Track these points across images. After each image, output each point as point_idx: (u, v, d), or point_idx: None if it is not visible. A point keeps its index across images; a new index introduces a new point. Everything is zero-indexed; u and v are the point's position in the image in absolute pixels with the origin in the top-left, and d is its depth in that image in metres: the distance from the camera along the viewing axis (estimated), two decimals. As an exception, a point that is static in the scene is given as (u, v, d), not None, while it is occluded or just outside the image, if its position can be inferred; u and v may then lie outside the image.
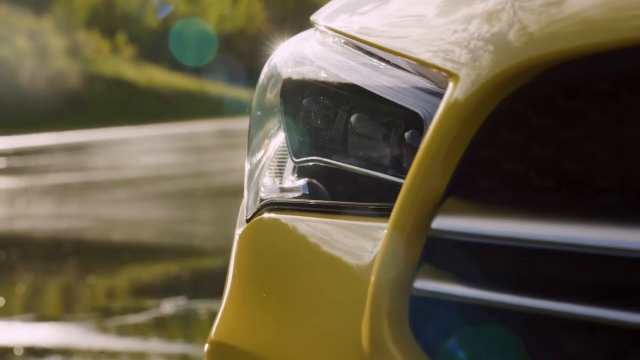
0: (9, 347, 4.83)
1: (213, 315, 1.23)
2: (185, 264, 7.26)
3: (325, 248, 0.95)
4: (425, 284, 0.75)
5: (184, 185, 13.55)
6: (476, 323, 0.73)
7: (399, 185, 0.79)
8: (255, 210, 1.11)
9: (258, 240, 1.09)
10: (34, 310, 5.97)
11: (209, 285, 6.17)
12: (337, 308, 0.89)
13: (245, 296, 1.08)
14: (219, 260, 6.68)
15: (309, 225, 1.00)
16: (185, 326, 5.30)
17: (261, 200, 1.11)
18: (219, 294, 1.15)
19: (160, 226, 9.72)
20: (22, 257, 8.33)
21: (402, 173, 0.91)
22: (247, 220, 1.13)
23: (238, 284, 1.11)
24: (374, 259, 0.82)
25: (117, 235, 9.16)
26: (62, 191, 14.09)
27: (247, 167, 1.22)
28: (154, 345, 4.79)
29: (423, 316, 0.77)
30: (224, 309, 1.12)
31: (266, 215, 1.08)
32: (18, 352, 4.71)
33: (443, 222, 0.73)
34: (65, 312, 5.95)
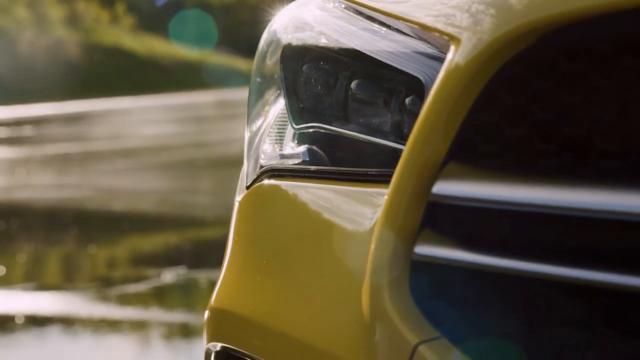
0: (10, 315, 4.85)
1: (213, 285, 1.23)
2: (185, 234, 7.27)
3: (325, 214, 0.95)
4: (426, 249, 0.75)
5: (184, 155, 13.55)
6: (477, 288, 0.73)
7: (400, 151, 0.79)
8: (255, 177, 1.11)
9: (258, 206, 1.08)
10: (35, 279, 5.99)
11: (209, 255, 6.19)
12: (337, 274, 0.89)
13: (245, 263, 1.08)
14: (220, 230, 6.69)
15: (309, 192, 0.99)
16: (186, 295, 5.32)
17: (261, 167, 1.10)
18: (219, 263, 1.15)
19: (161, 196, 9.73)
20: (22, 227, 8.35)
21: (403, 139, 0.90)
22: (247, 187, 1.12)
23: (238, 251, 1.11)
24: (374, 224, 0.82)
25: (118, 205, 9.17)
26: (62, 161, 14.09)
27: (246, 134, 1.21)
28: (155, 314, 4.81)
29: (423, 281, 0.76)
30: (224, 275, 1.12)
31: (266, 181, 1.07)
32: (19, 321, 4.73)
33: (444, 187, 0.72)
34: (66, 281, 5.97)
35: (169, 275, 5.57)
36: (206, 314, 1.13)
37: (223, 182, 9.87)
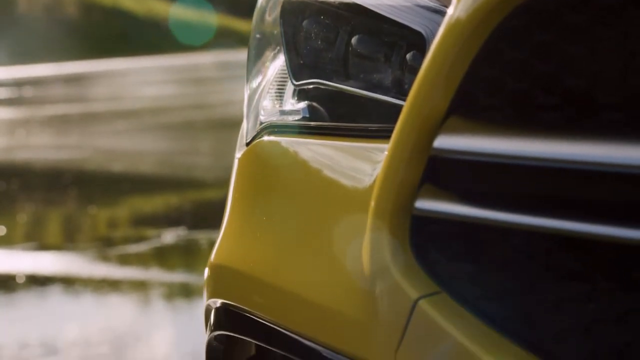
0: (11, 274, 4.87)
1: (213, 246, 1.23)
2: (185, 195, 7.28)
3: (325, 170, 0.94)
4: (427, 204, 0.74)
5: (184, 117, 13.52)
6: (477, 242, 0.73)
7: (400, 106, 0.78)
8: (255, 133, 1.10)
9: (258, 163, 1.08)
10: (35, 239, 6.01)
11: (209, 216, 6.20)
12: (337, 229, 0.89)
13: (245, 219, 1.08)
14: (220, 191, 6.69)
15: (308, 148, 0.99)
16: (186, 256, 5.34)
17: (261, 123, 1.10)
18: (219, 224, 1.15)
19: (161, 157, 9.73)
20: (22, 187, 8.35)
21: (404, 95, 0.90)
22: (247, 144, 1.12)
23: (238, 208, 1.10)
24: (375, 179, 0.82)
25: (117, 166, 9.17)
26: (62, 122, 14.07)
27: (246, 91, 1.20)
28: (155, 274, 4.83)
29: (424, 236, 0.76)
30: (224, 232, 1.12)
31: (266, 138, 1.07)
32: (20, 280, 4.75)
33: (445, 141, 0.72)
34: (66, 241, 5.98)
35: (169, 236, 5.59)
36: (206, 271, 1.14)
37: (223, 144, 9.86)
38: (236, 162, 1.14)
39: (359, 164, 0.90)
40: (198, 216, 6.49)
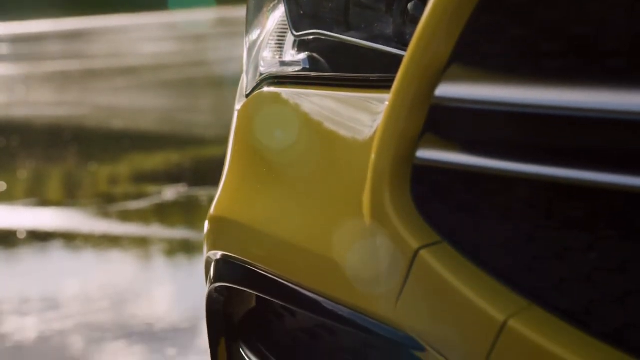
0: (12, 230, 4.89)
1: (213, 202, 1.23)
2: (185, 152, 7.27)
3: (326, 121, 0.94)
4: (428, 153, 0.74)
5: (184, 74, 13.47)
6: (478, 192, 0.73)
7: (402, 57, 0.77)
8: (255, 84, 1.09)
9: (257, 114, 1.07)
10: (36, 195, 6.02)
11: (209, 172, 6.19)
12: (337, 180, 0.89)
13: (245, 171, 1.07)
14: (220, 148, 6.68)
15: (309, 99, 0.98)
16: (186, 212, 5.35)
17: (261, 74, 1.09)
18: (219, 181, 1.15)
19: (161, 114, 9.70)
20: (22, 144, 8.35)
21: (405, 45, 0.89)
22: (247, 95, 1.11)
23: (237, 159, 1.10)
24: (376, 129, 0.81)
25: (117, 123, 9.15)
26: (61, 79, 14.02)
27: (246, 42, 1.19)
28: (156, 230, 4.84)
29: (425, 186, 0.76)
30: (224, 184, 1.12)
31: (266, 89, 1.06)
32: (21, 236, 4.76)
33: (447, 89, 0.71)
34: (67, 197, 5.99)
35: (170, 193, 5.59)
36: (206, 224, 1.13)
37: (223, 101, 9.83)
38: (236, 113, 1.13)
39: (360, 115, 0.89)
40: (198, 173, 6.49)
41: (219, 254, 1.07)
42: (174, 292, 3.69)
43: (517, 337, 0.65)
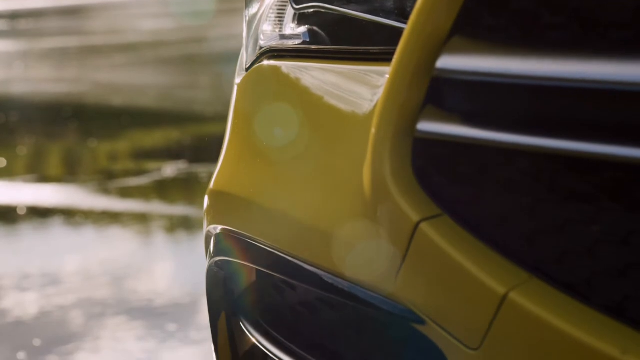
0: (12, 206, 4.89)
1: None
2: (185, 129, 7.26)
3: (326, 94, 0.93)
4: (429, 126, 0.73)
5: (184, 50, 13.42)
6: (480, 165, 0.72)
7: (403, 30, 0.77)
8: (255, 58, 1.08)
9: (257, 88, 1.07)
10: (36, 171, 6.01)
11: (209, 149, 6.19)
12: (338, 153, 0.88)
13: (245, 145, 1.07)
14: (219, 125, 6.67)
15: (309, 72, 0.97)
16: (186, 189, 5.34)
17: (260, 48, 1.08)
18: (219, 158, 1.14)
19: (160, 91, 9.68)
20: (22, 120, 8.33)
21: (406, 18, 0.88)
22: (247, 69, 1.10)
23: (237, 133, 1.09)
24: (377, 102, 0.80)
25: (117, 100, 9.13)
26: (60, 55, 13.97)
27: (246, 16, 1.18)
28: (156, 207, 4.84)
29: (426, 159, 0.75)
30: (224, 159, 1.11)
31: (266, 62, 1.05)
32: (21, 212, 4.76)
33: (448, 61, 0.70)
34: (67, 174, 5.99)
35: (170, 169, 5.59)
36: (205, 200, 1.13)
37: (223, 78, 9.81)
38: (235, 87, 1.13)
39: (360, 87, 0.88)
40: (198, 150, 6.48)
41: (218, 228, 1.07)
42: (174, 268, 3.69)
43: (518, 310, 0.65)
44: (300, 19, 1.05)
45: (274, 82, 1.03)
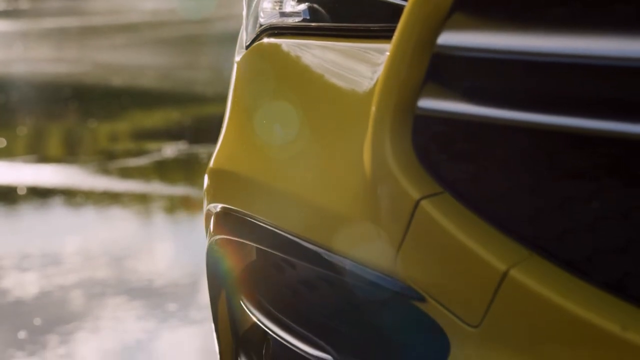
0: (13, 186, 4.89)
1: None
2: (185, 110, 7.25)
3: (327, 71, 0.93)
4: (430, 103, 0.73)
5: (184, 31, 13.38)
6: (480, 142, 0.72)
7: (403, 6, 0.76)
8: (255, 35, 1.08)
9: (257, 65, 1.06)
10: (36, 152, 6.01)
11: (209, 130, 6.18)
12: (338, 131, 0.88)
13: (245, 123, 1.06)
14: (220, 106, 6.66)
15: (309, 49, 0.97)
16: (186, 169, 5.34)
17: (260, 25, 1.07)
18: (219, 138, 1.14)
19: (160, 72, 9.66)
20: (22, 100, 8.32)
21: (407, -5, 0.87)
22: (247, 47, 1.10)
23: (237, 112, 1.09)
24: (377, 79, 0.80)
25: (117, 80, 9.11)
26: (60, 35, 13.93)
27: (246, -7, 1.18)
28: (156, 187, 4.84)
29: (427, 136, 0.75)
30: (223, 137, 1.11)
31: (266, 40, 1.05)
32: (21, 192, 4.76)
33: (449, 38, 0.70)
34: (67, 154, 5.98)
35: (170, 150, 5.58)
36: (205, 179, 1.13)
37: (223, 58, 9.78)
38: (235, 65, 1.12)
39: (361, 65, 0.88)
40: (198, 130, 6.47)
41: (218, 206, 1.06)
42: (174, 248, 3.70)
43: (519, 287, 0.65)
44: (301, -4, 1.04)
45: (274, 60, 1.03)
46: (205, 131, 6.35)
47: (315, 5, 1.02)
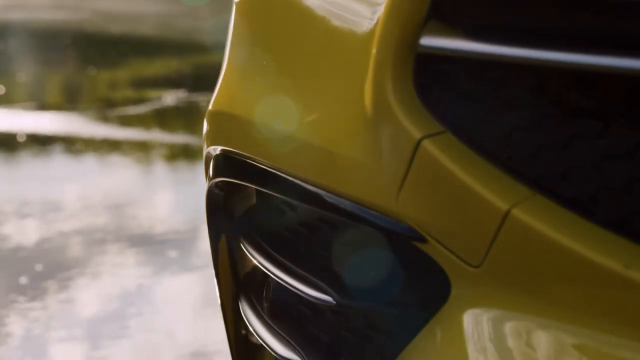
0: (12, 133, 4.88)
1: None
2: (185, 58, 7.21)
3: (328, 11, 0.91)
4: (432, 40, 0.72)
5: (183, -22, 13.25)
6: (484, 81, 0.71)
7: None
8: (255, -25, 1.06)
9: (257, 5, 1.05)
10: (35, 99, 5.99)
11: (209, 78, 6.15)
12: (338, 71, 0.87)
13: (244, 64, 1.05)
14: (219, 55, 6.63)
15: (310, -12, 0.95)
16: (186, 118, 5.33)
17: (260, -35, 1.06)
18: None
19: (160, 20, 9.59)
20: (20, 47, 8.27)
21: None
22: (246, -13, 1.08)
23: (236, 52, 1.08)
24: (379, 17, 0.79)
25: (116, 28, 9.04)
26: (59, -18, 13.79)
27: None
28: (156, 135, 4.83)
29: (429, 75, 0.74)
30: (223, 79, 1.10)
31: (266, -21, 1.03)
32: (21, 139, 4.75)
33: (453, -27, 0.68)
34: (66, 102, 5.96)
35: (170, 98, 5.57)
36: (204, 124, 1.12)
37: (223, 6, 9.71)
38: (234, 6, 1.10)
39: (362, 3, 0.86)
40: (198, 79, 6.45)
41: (218, 149, 1.06)
42: (175, 195, 3.70)
43: (521, 226, 0.64)
44: None
45: (273, 0, 1.01)
46: (205, 79, 6.33)
47: (316, -56, 1.00)
